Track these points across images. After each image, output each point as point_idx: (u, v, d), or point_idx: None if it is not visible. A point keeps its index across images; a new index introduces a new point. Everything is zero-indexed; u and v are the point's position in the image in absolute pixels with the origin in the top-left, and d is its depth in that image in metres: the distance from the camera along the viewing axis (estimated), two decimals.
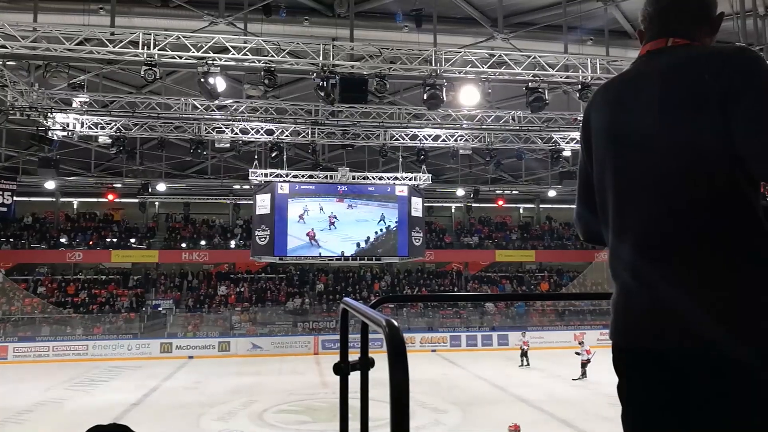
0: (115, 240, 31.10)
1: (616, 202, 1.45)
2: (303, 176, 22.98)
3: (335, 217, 22.95)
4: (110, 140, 19.88)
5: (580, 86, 14.73)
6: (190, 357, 25.32)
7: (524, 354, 22.48)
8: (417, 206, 23.77)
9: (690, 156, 1.32)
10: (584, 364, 19.43)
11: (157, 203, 32.99)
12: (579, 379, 19.19)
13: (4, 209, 23.81)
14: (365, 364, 1.85)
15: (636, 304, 1.39)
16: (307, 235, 22.63)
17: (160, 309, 28.73)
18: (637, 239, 1.39)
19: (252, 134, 20.43)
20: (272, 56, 13.50)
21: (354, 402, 1.90)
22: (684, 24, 1.49)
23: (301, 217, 22.55)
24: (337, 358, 1.91)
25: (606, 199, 1.49)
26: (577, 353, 19.80)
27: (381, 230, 23.29)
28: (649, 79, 1.44)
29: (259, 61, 13.62)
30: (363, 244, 23.12)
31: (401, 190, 23.44)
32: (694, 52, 1.42)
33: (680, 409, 1.33)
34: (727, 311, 1.25)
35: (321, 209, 22.87)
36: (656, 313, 1.33)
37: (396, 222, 23.34)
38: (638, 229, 1.39)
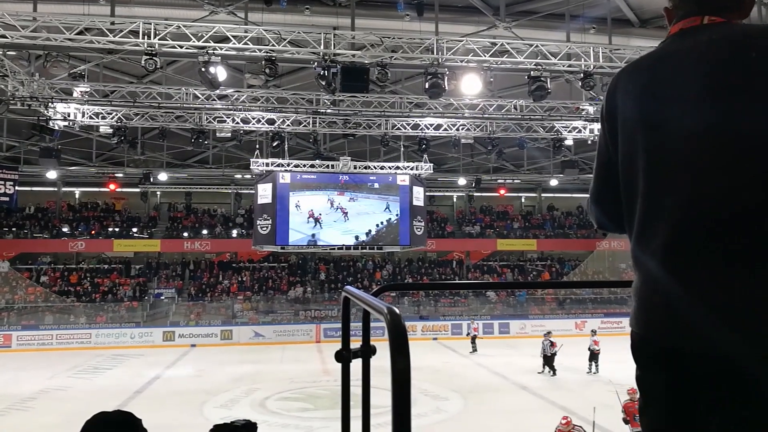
0: (117, 229, 31.17)
1: (646, 190, 1.37)
2: (304, 166, 22.96)
3: (346, 210, 23.07)
4: (111, 130, 19.87)
5: (582, 75, 14.68)
6: (193, 345, 25.45)
7: (473, 340, 23.12)
8: (418, 195, 23.76)
9: (729, 141, 1.24)
10: (549, 357, 18.81)
11: (158, 193, 33.01)
12: (542, 372, 18.69)
13: (6, 199, 23.86)
14: (367, 352, 1.87)
15: (659, 296, 1.31)
16: (310, 215, 22.68)
17: (162, 298, 28.85)
18: (667, 230, 1.30)
19: (253, 124, 20.40)
20: (273, 45, 13.46)
21: (356, 389, 1.92)
22: (720, 2, 1.39)
23: (317, 220, 22.72)
24: (338, 346, 1.93)
25: (633, 184, 1.40)
26: (545, 350, 18.96)
27: (382, 222, 23.30)
28: (685, 58, 1.35)
29: (260, 50, 13.58)
30: (364, 237, 23.16)
31: (403, 180, 23.42)
32: (735, 30, 1.33)
33: (697, 410, 1.29)
34: (752, 315, 1.18)
35: (331, 202, 22.94)
36: (680, 309, 1.27)
37: (397, 213, 23.37)
38: (670, 220, 1.30)
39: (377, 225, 23.33)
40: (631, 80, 1.46)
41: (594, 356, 18.92)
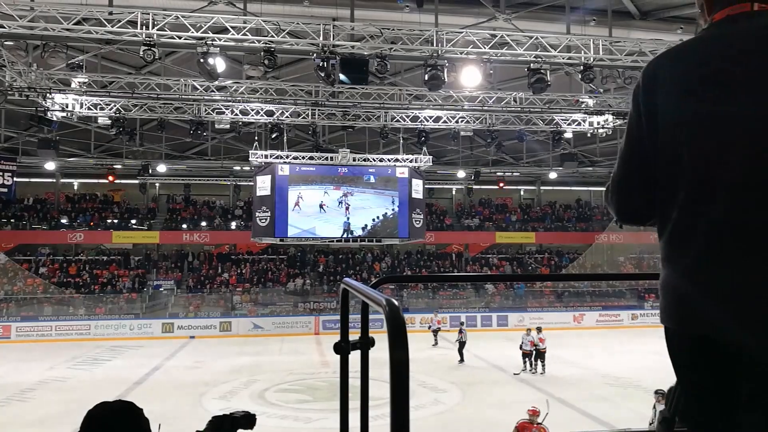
0: (115, 221, 31.14)
1: (690, 182, 1.30)
2: (303, 158, 22.91)
3: (348, 204, 23.08)
4: (110, 121, 19.81)
5: (582, 67, 14.62)
6: (192, 337, 25.49)
7: (436, 333, 23.02)
8: (417, 188, 23.74)
9: None
10: (527, 355, 17.54)
11: (157, 184, 32.96)
12: (522, 372, 17.40)
13: (5, 190, 23.77)
14: (365, 344, 1.87)
15: (695, 293, 1.26)
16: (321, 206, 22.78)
17: (161, 289, 28.87)
18: (716, 224, 1.24)
19: (252, 115, 20.35)
20: (272, 36, 13.39)
21: (354, 381, 1.92)
22: None
23: (321, 207, 22.74)
24: (337, 338, 1.93)
25: (673, 175, 1.33)
26: (526, 346, 17.66)
27: (378, 217, 23.30)
28: (740, 42, 1.30)
29: (258, 41, 13.52)
30: (360, 232, 23.19)
31: (402, 172, 23.39)
32: None
33: (734, 408, 1.26)
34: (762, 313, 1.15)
35: (342, 199, 22.97)
36: (710, 307, 1.23)
37: (394, 208, 23.36)
38: (719, 213, 1.24)
39: (373, 219, 23.32)
40: (677, 64, 1.39)
41: (540, 355, 17.48)
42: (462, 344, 19.56)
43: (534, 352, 17.55)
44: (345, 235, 23.16)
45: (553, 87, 16.07)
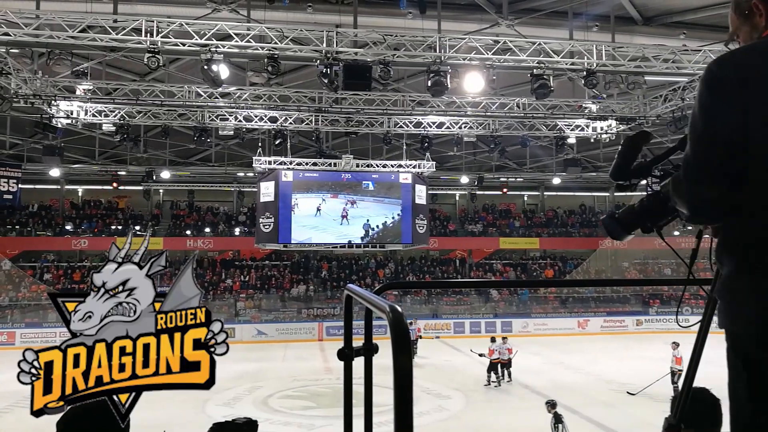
0: (120, 227, 31.21)
1: None
2: (307, 164, 22.96)
3: (347, 212, 23.14)
4: (114, 128, 19.90)
5: (585, 73, 14.63)
6: None
7: (415, 342, 20.75)
8: (421, 194, 23.76)
9: None
10: (503, 365, 16.58)
11: (161, 191, 33.06)
12: (497, 381, 16.58)
13: (10, 197, 23.90)
14: (369, 350, 1.87)
15: None
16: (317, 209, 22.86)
17: None
18: None
19: (256, 121, 20.41)
20: (275, 43, 13.45)
21: (358, 388, 1.92)
22: None
23: (318, 209, 22.80)
24: (341, 344, 1.93)
25: (762, 173, 1.31)
26: (481, 354, 16.47)
27: (378, 226, 23.33)
28: None
29: (262, 48, 13.58)
30: (358, 241, 23.21)
31: (405, 178, 23.43)
32: None
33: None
34: None
35: (344, 208, 23.05)
36: None
37: (398, 213, 23.38)
38: None
39: (374, 228, 23.35)
40: (756, 63, 1.38)
41: (495, 366, 16.60)
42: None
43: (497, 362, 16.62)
44: (364, 238, 23.22)
45: (556, 92, 16.07)
